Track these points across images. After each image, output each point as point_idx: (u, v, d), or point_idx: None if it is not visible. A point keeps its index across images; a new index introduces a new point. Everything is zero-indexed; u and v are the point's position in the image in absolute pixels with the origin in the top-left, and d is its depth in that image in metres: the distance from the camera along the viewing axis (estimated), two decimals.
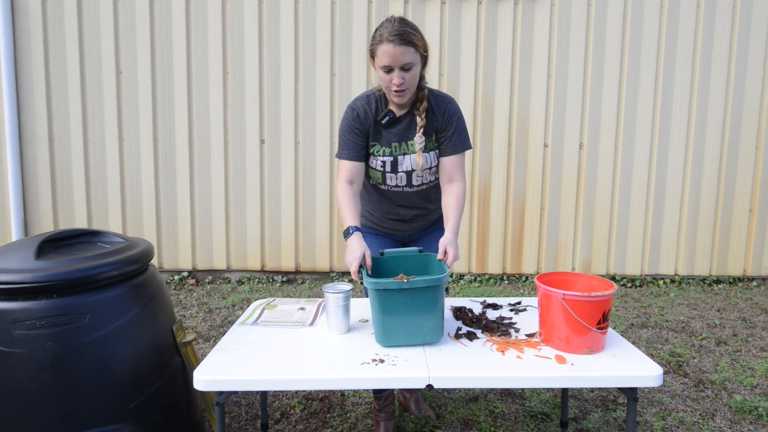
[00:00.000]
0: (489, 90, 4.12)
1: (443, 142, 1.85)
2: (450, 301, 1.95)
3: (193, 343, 1.94)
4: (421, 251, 1.77)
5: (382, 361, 1.46)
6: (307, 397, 2.43)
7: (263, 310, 1.91)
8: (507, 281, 4.29)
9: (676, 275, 4.32)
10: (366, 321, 1.79)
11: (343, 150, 1.84)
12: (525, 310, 1.90)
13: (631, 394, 1.43)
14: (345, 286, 1.68)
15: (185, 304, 3.72)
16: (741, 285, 4.27)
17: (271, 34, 4.03)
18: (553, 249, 4.28)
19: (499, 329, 1.69)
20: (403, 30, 1.67)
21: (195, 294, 3.94)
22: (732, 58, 4.10)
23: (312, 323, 1.78)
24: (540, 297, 1.58)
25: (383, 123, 1.82)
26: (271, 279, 4.26)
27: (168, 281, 4.17)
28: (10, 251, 1.61)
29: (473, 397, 2.44)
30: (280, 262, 4.24)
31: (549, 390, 2.50)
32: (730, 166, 4.21)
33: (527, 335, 1.65)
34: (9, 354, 1.48)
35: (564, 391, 2.12)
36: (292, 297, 3.89)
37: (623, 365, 1.44)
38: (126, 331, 1.61)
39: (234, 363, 1.46)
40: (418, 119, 1.80)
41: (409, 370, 1.41)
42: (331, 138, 4.13)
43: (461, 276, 4.30)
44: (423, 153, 1.83)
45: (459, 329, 1.69)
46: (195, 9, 3.97)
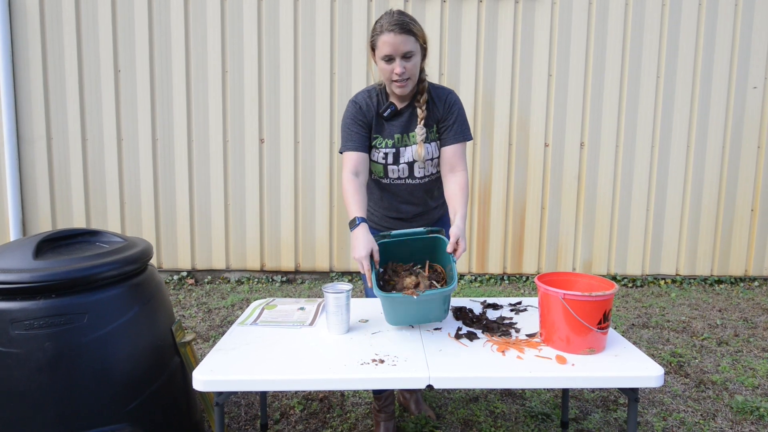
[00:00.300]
0: (489, 89, 4.12)
1: (444, 131, 1.85)
2: (450, 302, 1.94)
3: (193, 343, 1.94)
4: (430, 232, 1.72)
5: (382, 362, 1.45)
6: (307, 398, 2.43)
7: (263, 310, 1.91)
8: (507, 281, 4.28)
9: (677, 275, 4.32)
10: (366, 321, 1.78)
11: (348, 142, 1.83)
12: (525, 310, 1.90)
13: (632, 394, 1.43)
14: (345, 286, 1.67)
15: (184, 304, 3.72)
16: (742, 285, 4.26)
17: (271, 32, 4.02)
18: (554, 249, 4.28)
19: (500, 329, 1.68)
20: (403, 20, 1.70)
21: (194, 294, 3.93)
22: (734, 56, 4.10)
23: (312, 323, 1.77)
24: (540, 297, 1.57)
25: (385, 115, 1.83)
26: (271, 279, 4.25)
27: (167, 281, 4.16)
28: (8, 251, 1.60)
29: (473, 398, 2.43)
30: (279, 261, 4.24)
31: (549, 390, 2.49)
32: (732, 165, 4.20)
33: (528, 335, 1.64)
34: (7, 354, 1.48)
35: (564, 392, 2.12)
36: (291, 297, 3.89)
37: (624, 365, 1.43)
38: (125, 331, 1.61)
39: (233, 363, 1.45)
40: (418, 111, 1.81)
41: (409, 370, 1.40)
42: (331, 137, 4.12)
43: (462, 276, 4.30)
44: (424, 144, 1.83)
45: (459, 329, 1.68)
46: (194, 7, 3.97)
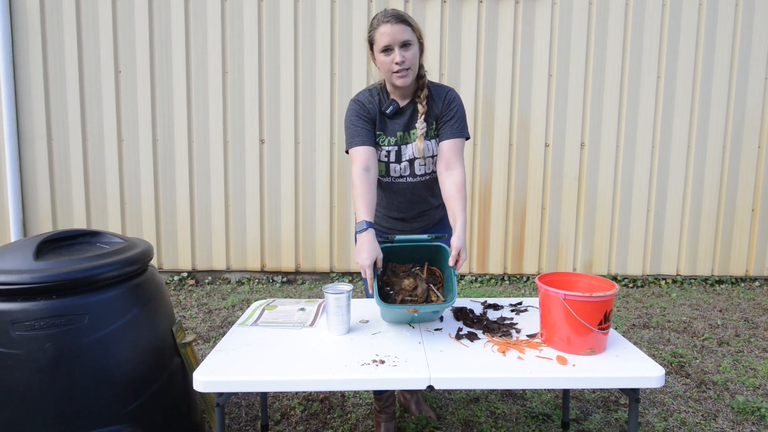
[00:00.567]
0: (489, 89, 4.12)
1: (442, 126, 1.85)
2: None
3: (193, 344, 1.94)
4: (433, 239, 1.74)
5: (382, 362, 1.45)
6: (308, 398, 2.43)
7: (263, 310, 1.91)
8: (508, 281, 4.28)
9: (678, 275, 4.31)
10: (366, 321, 1.78)
11: (355, 138, 1.81)
12: (526, 310, 1.90)
13: (633, 395, 1.43)
14: (345, 286, 1.67)
15: (185, 304, 3.72)
16: (743, 285, 4.26)
17: (271, 33, 4.02)
18: (554, 249, 4.27)
19: (500, 330, 1.68)
20: (398, 12, 1.76)
21: (195, 294, 3.93)
22: (734, 56, 4.09)
23: (312, 324, 1.77)
24: (541, 297, 1.57)
25: (387, 112, 1.83)
26: (271, 279, 4.25)
27: (167, 282, 4.16)
28: (8, 252, 1.60)
29: (474, 398, 2.43)
30: (280, 262, 4.24)
31: (550, 391, 2.49)
32: (732, 165, 4.20)
33: (528, 336, 1.64)
34: (8, 355, 1.48)
35: (565, 392, 2.12)
36: (292, 297, 3.89)
37: (625, 366, 1.43)
38: (125, 332, 1.61)
39: (234, 364, 1.45)
40: (419, 106, 1.82)
41: (410, 370, 1.40)
42: (331, 137, 4.12)
43: (462, 276, 4.29)
44: (425, 140, 1.84)
45: (460, 330, 1.68)
46: (194, 8, 3.97)
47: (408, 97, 1.85)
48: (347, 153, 1.85)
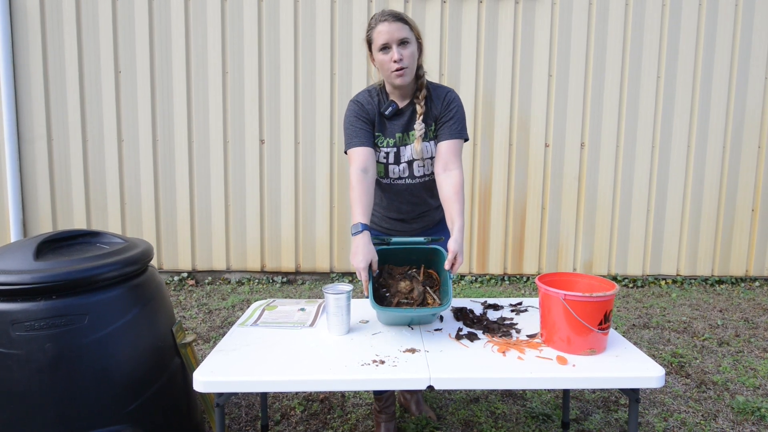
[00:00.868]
0: (489, 89, 4.12)
1: (440, 127, 1.84)
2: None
3: (193, 344, 1.94)
4: (429, 241, 1.74)
5: (382, 362, 1.45)
6: (308, 399, 2.43)
7: (263, 311, 1.91)
8: (508, 282, 4.28)
9: (678, 275, 4.31)
10: (366, 321, 1.78)
11: (353, 138, 1.81)
12: (526, 310, 1.90)
13: (633, 395, 1.43)
14: (345, 286, 1.67)
15: (185, 305, 3.72)
16: (743, 285, 4.26)
17: (271, 33, 4.02)
18: (554, 249, 4.27)
19: (500, 330, 1.68)
20: (396, 11, 1.77)
21: (195, 295, 3.93)
22: (734, 56, 4.09)
23: (312, 324, 1.77)
24: (541, 297, 1.57)
25: (386, 114, 1.82)
26: (271, 280, 4.25)
27: (167, 282, 4.16)
28: (8, 252, 1.60)
29: (474, 398, 2.43)
30: (280, 262, 4.24)
31: (550, 391, 2.49)
32: (732, 165, 4.20)
33: (528, 336, 1.64)
34: (8, 355, 1.48)
35: (565, 392, 2.12)
36: (292, 298, 3.89)
37: (625, 366, 1.43)
38: (125, 332, 1.61)
39: (234, 364, 1.45)
40: (418, 107, 1.81)
41: (410, 371, 1.40)
42: (331, 138, 4.12)
43: (462, 276, 4.29)
44: (423, 142, 1.83)
45: (460, 330, 1.68)
46: (194, 8, 3.97)
47: (407, 98, 1.85)
48: (346, 153, 1.85)
